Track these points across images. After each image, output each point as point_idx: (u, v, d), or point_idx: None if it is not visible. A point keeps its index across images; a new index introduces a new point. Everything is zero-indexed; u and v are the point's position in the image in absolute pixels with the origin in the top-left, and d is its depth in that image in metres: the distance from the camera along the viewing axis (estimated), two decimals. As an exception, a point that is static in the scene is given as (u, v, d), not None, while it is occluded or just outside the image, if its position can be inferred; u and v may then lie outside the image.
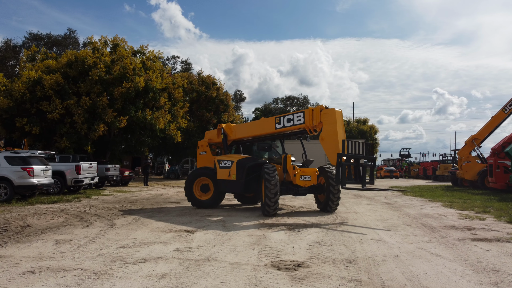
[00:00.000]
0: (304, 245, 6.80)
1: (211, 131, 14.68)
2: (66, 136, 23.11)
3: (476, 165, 24.00)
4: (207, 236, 7.66)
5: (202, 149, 14.17)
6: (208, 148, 14.03)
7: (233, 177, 12.20)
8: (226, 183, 12.43)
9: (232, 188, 12.47)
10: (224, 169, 12.47)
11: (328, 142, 10.40)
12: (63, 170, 17.67)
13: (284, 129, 11.85)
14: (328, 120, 10.55)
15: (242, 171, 12.18)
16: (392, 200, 16.11)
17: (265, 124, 12.61)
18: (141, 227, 8.92)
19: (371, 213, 11.47)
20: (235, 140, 13.75)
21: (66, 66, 24.54)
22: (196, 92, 37.61)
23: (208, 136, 14.39)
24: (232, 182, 12.25)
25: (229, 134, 13.54)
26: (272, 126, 12.12)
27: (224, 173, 12.46)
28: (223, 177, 12.47)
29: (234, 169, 12.21)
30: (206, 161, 13.87)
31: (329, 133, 10.42)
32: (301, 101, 68.71)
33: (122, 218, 10.57)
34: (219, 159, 12.77)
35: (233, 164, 12.29)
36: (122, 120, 23.90)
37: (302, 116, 11.17)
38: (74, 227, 8.98)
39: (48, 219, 10.31)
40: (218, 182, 12.60)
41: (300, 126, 11.36)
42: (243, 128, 13.85)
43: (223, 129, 13.58)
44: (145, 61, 26.88)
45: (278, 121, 11.93)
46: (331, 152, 10.29)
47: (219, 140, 13.85)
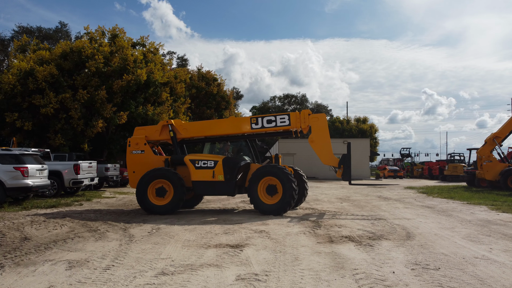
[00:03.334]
0: (403, 268, 5.19)
1: (147, 127, 12.93)
2: (61, 133, 21.19)
3: (497, 164, 22.73)
4: (263, 254, 6.01)
5: (137, 147, 12.00)
6: (147, 146, 11.99)
7: (219, 178, 10.99)
8: (208, 185, 11.16)
9: (218, 190, 11.31)
10: (203, 170, 11.16)
11: (320, 145, 11.26)
12: (60, 170, 15.84)
13: (261, 129, 11.67)
14: (319, 124, 11.30)
15: (232, 171, 11.08)
16: (425, 202, 14.62)
17: (237, 124, 11.91)
18: (168, 240, 7.24)
19: (425, 220, 9.92)
20: (184, 139, 12.28)
21: (61, 57, 22.63)
22: (195, 88, 35.84)
23: (143, 133, 12.33)
24: (219, 183, 11.08)
25: (179, 132, 12.04)
26: (247, 126, 11.70)
27: (204, 174, 11.14)
28: (202, 178, 11.13)
29: (220, 169, 11.05)
30: (143, 162, 11.86)
31: (321, 137, 11.25)
32: (299, 100, 67.29)
33: (138, 227, 8.86)
34: (193, 159, 11.32)
35: (218, 163, 11.06)
36: (122, 115, 22.08)
37: (287, 119, 11.44)
38: (84, 240, 7.26)
39: (49, 228, 8.55)
40: (194, 185, 11.25)
41: (284, 128, 11.53)
42: (201, 127, 12.45)
43: (171, 126, 12.05)
44: (146, 53, 25.03)
45: (254, 121, 11.65)
46: (324, 153, 11.28)
47: (161, 138, 12.22)
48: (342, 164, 11.31)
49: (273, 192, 10.75)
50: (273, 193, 10.76)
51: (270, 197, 10.78)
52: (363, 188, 23.66)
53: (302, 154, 35.93)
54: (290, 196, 10.50)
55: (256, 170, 10.94)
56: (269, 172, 10.77)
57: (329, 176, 36.84)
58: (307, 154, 37.53)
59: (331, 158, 11.34)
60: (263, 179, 10.78)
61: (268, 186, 10.79)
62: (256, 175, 10.82)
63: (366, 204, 13.98)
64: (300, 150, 36.80)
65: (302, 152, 35.77)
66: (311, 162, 32.85)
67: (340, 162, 11.33)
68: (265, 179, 10.78)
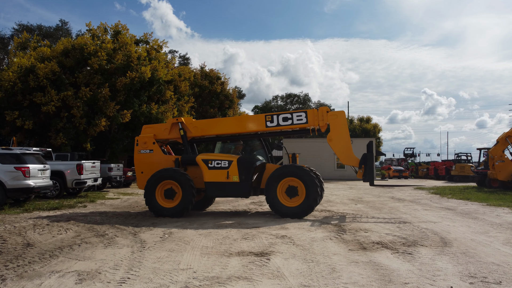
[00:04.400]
0: (459, 282, 4.59)
1: (155, 125, 12.28)
2: (63, 132, 20.55)
3: (510, 164, 22.15)
4: (294, 264, 5.40)
5: (145, 146, 11.38)
6: (156, 146, 11.36)
7: (234, 179, 10.37)
8: (221, 187, 10.53)
9: (233, 192, 10.70)
10: (217, 170, 10.52)
11: (339, 144, 10.65)
12: (62, 170, 15.23)
13: (277, 128, 11.02)
14: (338, 122, 10.70)
15: (248, 172, 10.49)
16: (443, 204, 14.01)
17: (250, 122, 11.32)
18: (184, 247, 6.63)
19: (452, 223, 9.31)
20: (194, 137, 11.62)
21: (62, 54, 22.00)
22: (198, 87, 35.23)
23: (151, 131, 11.71)
24: (233, 184, 10.46)
25: (190, 130, 11.37)
26: (262, 124, 11.08)
27: (217, 175, 10.50)
28: (216, 179, 10.50)
29: (235, 170, 10.42)
30: (151, 162, 11.28)
31: (340, 135, 10.64)
32: (302, 99, 66.65)
33: (148, 231, 8.26)
34: (206, 159, 10.67)
35: (233, 163, 10.43)
36: (126, 114, 21.45)
37: (304, 116, 10.86)
38: (92, 247, 6.65)
39: (54, 233, 7.94)
40: (207, 186, 10.60)
41: (301, 126, 10.96)
42: (213, 125, 11.76)
43: (181, 124, 11.37)
44: (149, 50, 24.41)
45: (269, 119, 11.01)
46: (344, 153, 10.64)
47: (170, 136, 11.57)
48: (363, 164, 10.63)
49: (294, 194, 10.09)
50: (293, 195, 10.09)
51: (290, 199, 10.12)
52: (372, 189, 23.04)
53: (307, 154, 35.30)
54: (313, 199, 9.90)
55: (276, 171, 10.28)
56: (290, 173, 10.11)
57: (334, 176, 36.28)
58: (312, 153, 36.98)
59: (351, 158, 10.71)
60: (284, 180, 10.11)
61: (289, 187, 10.13)
62: (275, 175, 10.17)
63: (382, 206, 13.38)
64: (304, 149, 36.20)
65: (307, 152, 35.15)
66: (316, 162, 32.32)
67: (361, 162, 10.69)
68: (286, 180, 10.12)
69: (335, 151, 10.82)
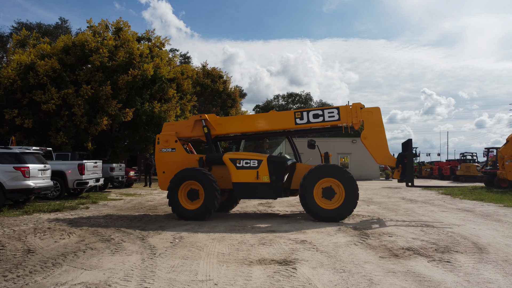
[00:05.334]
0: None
1: (177, 123, 11.70)
2: (63, 131, 20.00)
3: (520, 164, 21.68)
4: (325, 275, 4.87)
5: (167, 145, 10.81)
6: (179, 144, 10.78)
7: (264, 179, 9.78)
8: (251, 187, 9.93)
9: (263, 193, 10.04)
10: (246, 170, 9.92)
11: (375, 142, 10.09)
12: (63, 170, 14.71)
13: (306, 125, 10.45)
14: (373, 119, 10.14)
15: (279, 172, 9.90)
16: (458, 205, 13.49)
17: (279, 119, 10.66)
18: (198, 254, 6.11)
19: (477, 226, 8.78)
20: (218, 135, 11.04)
21: (62, 51, 21.45)
22: (200, 86, 34.67)
23: (172, 129, 11.13)
24: (263, 185, 9.85)
25: (214, 128, 10.77)
26: (291, 121, 10.48)
27: (246, 175, 9.90)
28: (245, 179, 9.91)
29: (265, 170, 9.85)
30: (174, 161, 10.70)
31: (375, 133, 10.10)
32: (303, 98, 66.15)
33: (157, 235, 7.73)
34: (234, 158, 10.07)
35: (263, 163, 9.84)
36: (128, 112, 20.90)
37: (337, 113, 10.30)
38: (99, 254, 6.12)
39: (56, 238, 7.41)
40: (236, 187, 10.01)
41: (332, 123, 10.38)
42: (238, 122, 11.22)
43: (205, 121, 10.78)
44: (152, 47, 23.86)
45: (299, 116, 10.44)
46: (379, 152, 10.09)
47: (193, 134, 10.95)
48: (400, 163, 10.12)
49: (331, 195, 9.46)
50: (330, 197, 9.47)
51: (327, 201, 9.47)
52: (381, 189, 22.60)
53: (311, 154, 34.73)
54: (353, 203, 9.33)
55: (313, 170, 9.58)
56: (329, 173, 9.46)
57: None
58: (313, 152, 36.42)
59: (388, 157, 10.13)
60: (321, 180, 9.48)
61: (326, 189, 9.50)
62: (313, 176, 9.49)
63: (396, 207, 12.87)
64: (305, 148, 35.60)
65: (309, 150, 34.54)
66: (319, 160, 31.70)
67: (397, 162, 10.13)
68: (323, 181, 9.48)
69: (369, 149, 10.17)
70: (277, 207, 12.85)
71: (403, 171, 10.06)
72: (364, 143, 10.19)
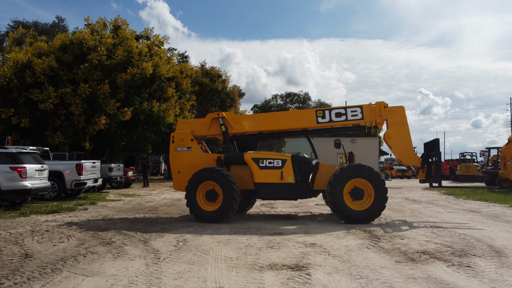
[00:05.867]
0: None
1: (192, 121, 11.35)
2: (61, 130, 19.62)
3: (522, 164, 21.53)
4: (342, 282, 4.61)
5: (182, 143, 10.35)
6: (195, 143, 10.35)
7: (289, 179, 9.47)
8: (275, 188, 9.60)
9: (288, 194, 9.67)
10: (269, 170, 9.59)
11: (399, 143, 9.87)
12: (61, 170, 14.38)
13: (328, 124, 10.19)
14: (397, 118, 9.90)
15: (304, 172, 9.60)
16: (464, 206, 13.27)
17: (300, 118, 10.33)
18: (205, 258, 5.83)
19: (489, 228, 8.55)
20: (235, 134, 10.64)
21: (60, 50, 21.03)
22: (199, 85, 34.36)
23: (187, 127, 10.64)
24: (288, 186, 9.52)
25: (231, 126, 10.39)
26: (312, 120, 10.16)
27: (270, 175, 9.58)
28: (268, 180, 9.58)
29: (289, 170, 9.52)
30: (190, 160, 10.28)
31: (400, 133, 9.85)
32: (302, 98, 65.84)
33: (159, 238, 7.45)
34: (256, 157, 9.72)
35: (287, 163, 9.53)
36: (126, 112, 20.55)
37: (360, 112, 10.02)
38: (100, 258, 5.84)
39: (54, 241, 7.12)
40: (258, 187, 9.67)
41: (355, 122, 10.11)
42: (257, 120, 10.80)
43: (222, 119, 10.40)
44: (151, 46, 23.51)
45: (321, 114, 10.14)
46: (404, 152, 9.88)
47: (209, 133, 10.58)
48: (425, 164, 9.88)
49: (359, 196, 9.17)
50: (359, 198, 9.18)
51: (355, 202, 9.19)
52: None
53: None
54: (383, 205, 9.10)
55: (344, 170, 9.25)
56: (360, 174, 9.17)
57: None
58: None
59: (413, 158, 9.92)
60: (352, 180, 9.17)
61: (354, 189, 9.21)
62: (343, 176, 9.15)
63: (401, 208, 12.64)
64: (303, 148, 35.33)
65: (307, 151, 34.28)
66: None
67: (423, 162, 9.91)
68: (354, 181, 9.18)
69: (394, 150, 9.95)
70: (280, 208, 12.59)
71: (428, 172, 9.87)
72: (388, 143, 9.94)
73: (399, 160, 10.19)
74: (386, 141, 9.97)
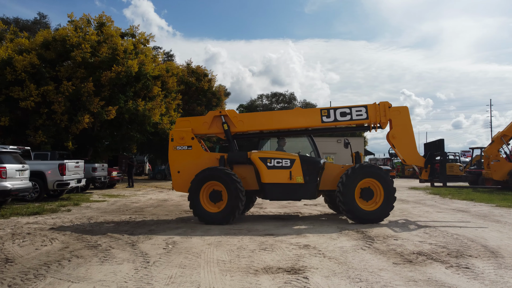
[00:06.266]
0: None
1: (192, 118, 10.92)
2: (42, 129, 19.07)
3: (505, 164, 21.85)
4: (340, 285, 4.44)
5: (182, 142, 9.92)
6: (195, 141, 9.95)
7: (298, 180, 9.29)
8: (284, 188, 9.39)
9: (297, 194, 9.56)
10: (278, 170, 9.36)
11: (403, 143, 9.96)
12: (43, 170, 13.93)
13: (333, 123, 10.06)
14: (401, 118, 9.96)
15: (312, 172, 9.54)
16: (451, 205, 13.35)
17: (305, 117, 10.16)
18: (196, 261, 5.61)
19: (480, 228, 8.55)
20: (237, 133, 10.36)
21: (42, 46, 20.46)
22: (185, 84, 33.92)
23: (187, 125, 10.24)
24: (297, 186, 9.38)
25: (234, 124, 10.09)
26: (317, 119, 10.00)
27: (278, 175, 9.35)
28: (277, 180, 9.35)
29: (298, 170, 9.38)
30: (190, 160, 9.87)
31: (404, 133, 9.93)
32: (287, 98, 65.94)
33: (147, 240, 7.20)
34: (264, 157, 9.48)
35: (296, 162, 9.36)
36: (111, 110, 20.10)
37: (365, 111, 9.96)
38: (86, 262, 5.56)
39: (37, 244, 6.80)
40: (266, 188, 9.42)
41: (359, 122, 10.03)
42: (260, 119, 10.45)
43: (224, 117, 10.07)
44: (136, 43, 23.09)
45: (325, 113, 10.00)
46: (408, 152, 9.99)
47: (210, 131, 10.22)
48: (429, 164, 10.00)
49: (369, 196, 9.16)
50: (369, 198, 9.17)
51: (366, 202, 9.18)
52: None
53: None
54: (392, 205, 9.16)
55: (356, 170, 9.14)
56: (370, 173, 9.14)
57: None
58: None
59: (417, 157, 9.99)
60: (363, 180, 9.13)
61: (364, 189, 9.19)
62: (355, 176, 9.08)
63: (390, 208, 12.60)
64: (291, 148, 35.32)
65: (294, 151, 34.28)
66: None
67: (426, 162, 9.99)
68: (364, 181, 9.14)
69: (398, 149, 9.99)
70: (269, 208, 12.43)
71: (432, 172, 10.01)
72: (392, 143, 9.96)
73: (402, 160, 10.26)
74: (390, 141, 10.02)
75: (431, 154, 10.13)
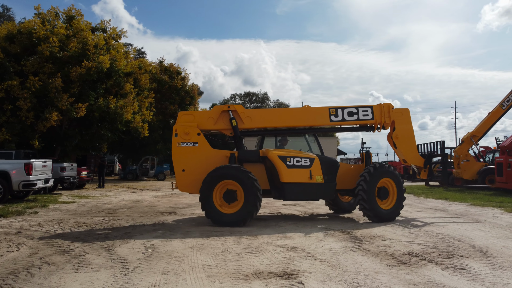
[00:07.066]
0: None
1: (196, 113, 10.37)
2: (6, 127, 18.05)
3: (475, 163, 22.47)
4: (336, 290, 4.21)
5: (187, 138, 9.23)
6: (202, 137, 9.30)
7: (318, 179, 9.18)
8: (304, 188, 9.16)
9: (317, 194, 9.40)
10: (298, 169, 9.13)
11: (405, 143, 10.17)
12: (7, 170, 13.08)
13: (340, 123, 10.03)
14: (403, 120, 10.17)
15: (331, 171, 9.47)
16: (428, 204, 13.48)
17: (314, 115, 9.97)
18: (180, 266, 5.25)
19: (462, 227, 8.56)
20: (243, 129, 9.85)
21: (6, 40, 19.40)
22: (157, 82, 33.11)
23: (191, 120, 9.51)
24: (317, 186, 9.20)
25: (242, 120, 9.61)
26: (326, 118, 9.90)
27: (298, 175, 9.11)
28: (297, 180, 9.11)
29: (318, 169, 9.24)
30: (196, 157, 9.24)
31: (406, 134, 10.14)
32: (261, 98, 65.83)
33: (124, 244, 6.75)
34: (283, 155, 9.09)
35: (315, 162, 9.23)
36: (81, 107, 19.26)
37: (371, 112, 10.07)
38: (58, 270, 5.09)
39: (2, 250, 6.23)
40: (286, 188, 9.06)
41: (367, 122, 10.12)
42: (269, 116, 10.07)
43: (233, 112, 9.57)
44: (107, 39, 22.25)
45: (334, 112, 9.94)
46: (410, 152, 10.21)
47: (216, 127, 9.63)
48: (428, 164, 10.28)
49: (385, 196, 9.34)
50: (385, 197, 9.35)
51: (381, 201, 9.29)
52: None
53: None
54: (403, 201, 9.49)
55: (375, 170, 9.19)
56: (386, 173, 9.30)
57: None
58: None
59: (417, 158, 10.27)
60: (381, 180, 9.26)
61: (380, 188, 9.30)
62: (375, 176, 9.12)
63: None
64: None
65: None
66: None
67: (425, 162, 10.25)
68: (382, 181, 9.28)
69: (400, 150, 10.14)
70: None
71: (430, 172, 10.35)
72: (395, 143, 10.11)
73: (402, 160, 10.49)
74: (393, 141, 10.13)
75: (430, 155, 10.37)
